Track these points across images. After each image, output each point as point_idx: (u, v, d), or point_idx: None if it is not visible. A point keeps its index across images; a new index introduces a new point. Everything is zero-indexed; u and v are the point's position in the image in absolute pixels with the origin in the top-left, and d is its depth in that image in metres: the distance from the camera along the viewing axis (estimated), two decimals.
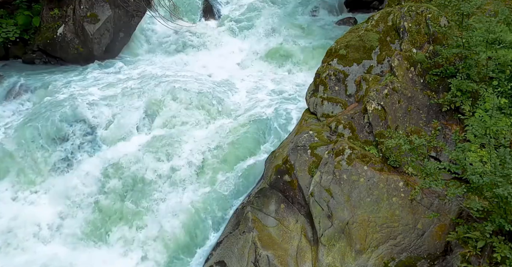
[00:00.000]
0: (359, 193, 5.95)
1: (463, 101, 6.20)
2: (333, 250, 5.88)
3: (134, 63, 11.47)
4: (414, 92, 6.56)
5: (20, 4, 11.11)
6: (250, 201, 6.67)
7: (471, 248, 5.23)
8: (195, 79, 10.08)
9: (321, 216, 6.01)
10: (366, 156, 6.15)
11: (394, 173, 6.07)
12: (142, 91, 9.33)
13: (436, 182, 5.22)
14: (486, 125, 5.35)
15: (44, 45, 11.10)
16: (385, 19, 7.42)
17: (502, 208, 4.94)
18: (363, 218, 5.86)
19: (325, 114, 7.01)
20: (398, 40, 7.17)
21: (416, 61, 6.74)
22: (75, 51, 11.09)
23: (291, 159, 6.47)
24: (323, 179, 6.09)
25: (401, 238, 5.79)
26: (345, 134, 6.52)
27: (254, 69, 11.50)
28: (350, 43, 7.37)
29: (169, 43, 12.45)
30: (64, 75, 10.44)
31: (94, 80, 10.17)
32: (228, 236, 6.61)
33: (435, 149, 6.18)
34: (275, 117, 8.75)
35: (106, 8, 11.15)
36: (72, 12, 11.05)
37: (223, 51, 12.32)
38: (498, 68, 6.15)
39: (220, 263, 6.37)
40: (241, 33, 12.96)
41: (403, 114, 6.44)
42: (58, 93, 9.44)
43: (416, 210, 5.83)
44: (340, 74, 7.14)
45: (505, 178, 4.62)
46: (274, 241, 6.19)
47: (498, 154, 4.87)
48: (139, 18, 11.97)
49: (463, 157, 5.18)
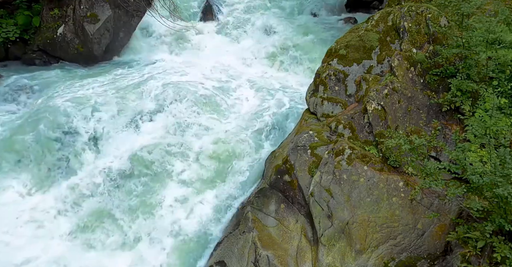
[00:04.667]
0: (359, 193, 5.95)
1: (463, 101, 6.20)
2: (333, 250, 5.88)
3: (134, 63, 11.46)
4: (414, 92, 6.56)
5: (20, 4, 11.10)
6: (250, 201, 6.67)
7: (471, 248, 5.22)
8: (195, 79, 10.08)
9: (321, 216, 6.01)
10: (366, 156, 6.15)
11: (394, 173, 6.07)
12: (142, 91, 9.33)
13: (436, 182, 5.22)
14: (486, 125, 5.35)
15: (44, 45, 11.09)
16: (385, 19, 7.42)
17: (502, 208, 4.94)
18: (363, 218, 5.86)
19: (325, 114, 7.01)
20: (398, 40, 7.17)
21: (416, 61, 6.74)
22: (75, 51, 11.09)
23: (291, 159, 6.47)
24: (323, 179, 6.09)
25: (401, 238, 5.79)
26: (345, 134, 6.52)
27: (254, 69, 11.49)
28: (350, 43, 7.37)
29: (169, 43, 12.45)
30: (64, 75, 10.43)
31: (94, 80, 10.16)
32: (228, 236, 6.61)
33: (435, 149, 6.18)
34: (275, 117, 8.76)
35: (106, 8, 11.14)
36: (72, 12, 11.04)
37: (223, 51, 12.30)
38: (498, 68, 6.15)
39: (220, 263, 6.37)
40: (241, 33, 12.95)
41: (403, 114, 6.44)
42: (58, 93, 9.43)
43: (416, 210, 5.83)
44: (340, 74, 7.14)
45: (505, 178, 4.62)
46: (274, 241, 6.19)
47: (498, 154, 4.86)
48: (139, 18, 11.95)
49: (463, 157, 5.18)
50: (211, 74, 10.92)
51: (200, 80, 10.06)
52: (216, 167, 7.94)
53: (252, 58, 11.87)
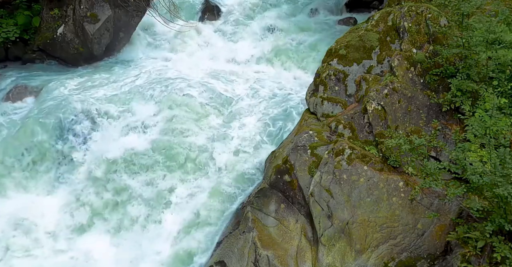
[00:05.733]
0: (359, 193, 5.95)
1: (463, 101, 6.20)
2: (333, 250, 5.88)
3: (134, 63, 11.44)
4: (414, 92, 6.56)
5: (20, 4, 11.09)
6: (250, 201, 6.67)
7: (471, 248, 5.22)
8: (195, 78, 10.07)
9: (321, 216, 6.01)
10: (366, 156, 6.15)
11: (394, 173, 6.08)
12: (142, 91, 9.33)
13: (436, 182, 5.22)
14: (486, 125, 5.35)
15: (44, 45, 11.08)
16: (385, 19, 7.42)
17: (502, 208, 4.94)
18: (363, 218, 5.86)
19: (325, 114, 7.01)
20: (398, 40, 7.17)
21: (416, 61, 6.74)
22: (75, 51, 11.08)
23: (291, 159, 6.47)
24: (323, 179, 6.09)
25: (401, 238, 5.79)
26: (345, 134, 6.52)
27: (254, 69, 11.47)
28: (350, 43, 7.37)
29: (169, 43, 12.44)
30: (64, 75, 10.42)
31: (94, 80, 10.16)
32: (228, 236, 6.62)
33: (435, 149, 6.18)
34: (275, 116, 8.75)
35: (106, 8, 11.14)
36: (72, 12, 11.04)
37: (223, 51, 12.28)
38: (498, 68, 6.14)
39: (220, 263, 6.37)
40: (241, 33, 12.92)
41: (403, 114, 6.44)
42: (58, 93, 9.42)
43: (416, 210, 5.83)
44: (340, 74, 7.14)
45: (505, 178, 4.62)
46: (274, 241, 6.19)
47: (498, 154, 4.86)
48: (139, 18, 11.94)
49: (463, 157, 5.18)
50: (211, 74, 10.92)
51: (200, 80, 10.05)
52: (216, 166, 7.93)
53: (252, 58, 11.86)
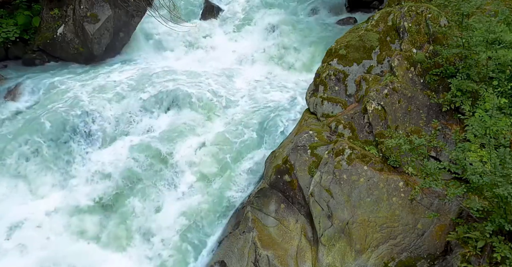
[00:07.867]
0: (359, 193, 5.95)
1: (463, 101, 6.20)
2: (333, 250, 5.88)
3: (134, 63, 11.44)
4: (414, 92, 6.56)
5: (20, 4, 11.09)
6: (250, 201, 6.67)
7: (471, 248, 5.22)
8: (194, 78, 10.07)
9: (321, 216, 6.01)
10: (366, 156, 6.15)
11: (394, 173, 6.07)
12: (142, 91, 9.32)
13: (436, 182, 5.22)
14: (486, 125, 5.35)
15: (44, 45, 11.09)
16: (385, 19, 7.42)
17: (502, 208, 4.94)
18: (363, 218, 5.86)
19: (325, 114, 7.01)
20: (398, 40, 7.17)
21: (416, 61, 6.74)
22: (75, 51, 11.09)
23: (291, 159, 6.47)
24: (323, 179, 6.09)
25: (401, 238, 5.79)
26: (345, 134, 6.52)
27: (254, 69, 11.48)
28: (350, 43, 7.37)
29: (169, 43, 12.44)
30: (64, 75, 10.41)
31: (94, 80, 10.15)
32: (228, 236, 6.62)
33: (435, 149, 6.18)
34: (275, 116, 8.74)
35: (106, 8, 11.14)
36: (72, 12, 11.04)
37: (223, 51, 12.30)
38: (498, 68, 6.15)
39: (220, 263, 6.37)
40: (241, 32, 12.94)
41: (403, 114, 6.44)
42: (58, 93, 9.43)
43: (416, 210, 5.83)
44: (340, 74, 7.14)
45: (505, 178, 4.62)
46: (274, 241, 6.19)
47: (498, 154, 4.86)
48: (139, 18, 11.95)
49: (463, 157, 5.18)
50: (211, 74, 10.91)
51: (200, 80, 10.05)
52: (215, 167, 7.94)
53: (252, 58, 11.86)
